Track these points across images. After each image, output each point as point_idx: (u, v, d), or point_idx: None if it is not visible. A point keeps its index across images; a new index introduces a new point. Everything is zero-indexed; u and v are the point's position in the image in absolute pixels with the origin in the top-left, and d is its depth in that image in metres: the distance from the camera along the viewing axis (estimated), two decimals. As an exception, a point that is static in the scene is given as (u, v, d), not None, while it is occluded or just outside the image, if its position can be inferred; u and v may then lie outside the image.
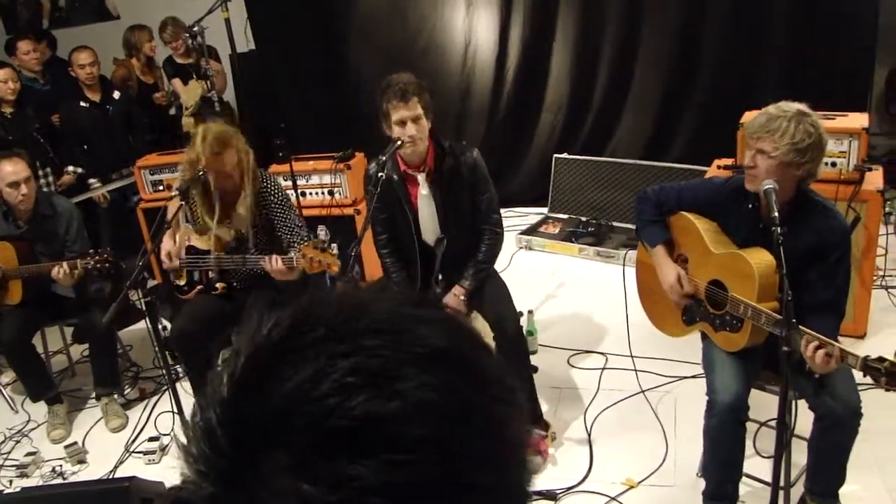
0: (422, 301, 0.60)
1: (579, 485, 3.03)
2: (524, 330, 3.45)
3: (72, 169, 5.09)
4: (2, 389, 4.21)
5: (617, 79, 5.76)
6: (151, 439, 3.62)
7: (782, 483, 2.38)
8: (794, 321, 2.17)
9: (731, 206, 2.64)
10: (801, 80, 5.05)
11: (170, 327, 3.61)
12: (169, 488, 3.40)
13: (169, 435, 3.60)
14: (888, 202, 4.52)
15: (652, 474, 3.05)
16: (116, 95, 5.29)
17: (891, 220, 4.55)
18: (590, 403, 3.55)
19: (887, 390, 2.08)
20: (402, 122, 2.95)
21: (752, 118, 2.47)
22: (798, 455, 2.63)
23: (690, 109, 5.58)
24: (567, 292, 4.71)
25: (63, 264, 3.49)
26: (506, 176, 6.01)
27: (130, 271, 2.94)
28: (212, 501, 0.51)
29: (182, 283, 3.55)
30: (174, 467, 0.54)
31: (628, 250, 4.08)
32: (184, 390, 3.59)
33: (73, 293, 3.79)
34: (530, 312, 4.03)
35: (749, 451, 2.74)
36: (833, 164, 3.61)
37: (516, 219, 5.82)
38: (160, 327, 3.08)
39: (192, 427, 0.54)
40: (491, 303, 3.22)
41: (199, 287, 3.51)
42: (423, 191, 3.16)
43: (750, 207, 2.55)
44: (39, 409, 3.94)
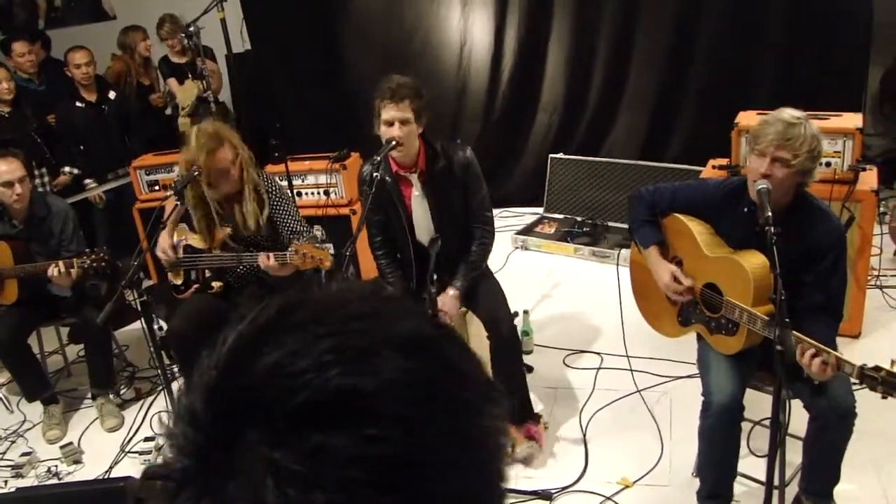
0: (413, 300, 0.61)
1: (574, 484, 3.04)
2: (519, 330, 3.46)
3: (68, 169, 5.07)
4: (-3, 390, 4.21)
5: (612, 79, 5.76)
6: (147, 439, 3.62)
7: (777, 482, 2.39)
8: (787, 320, 2.16)
9: (725, 209, 2.64)
10: (795, 80, 5.07)
11: (165, 327, 3.60)
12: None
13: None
14: (883, 202, 4.54)
15: (647, 474, 3.06)
16: (112, 95, 5.28)
17: (885, 220, 4.56)
18: (585, 403, 3.56)
19: (884, 398, 2.08)
20: (390, 123, 2.94)
21: (759, 125, 2.43)
22: (792, 454, 2.62)
23: (685, 109, 5.58)
24: (562, 292, 4.71)
25: (59, 263, 3.48)
26: (501, 176, 6.01)
27: (126, 271, 2.94)
28: (185, 473, 0.52)
29: (178, 282, 3.55)
30: None
31: (624, 250, 4.09)
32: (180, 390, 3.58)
33: (71, 293, 3.78)
34: (526, 312, 4.04)
35: (743, 450, 2.75)
36: (827, 164, 3.61)
37: (512, 219, 5.82)
38: (156, 327, 3.08)
39: (176, 411, 0.55)
40: (485, 303, 3.22)
41: (196, 286, 3.51)
42: (416, 192, 3.16)
43: (746, 211, 2.55)
44: (35, 410, 3.93)
